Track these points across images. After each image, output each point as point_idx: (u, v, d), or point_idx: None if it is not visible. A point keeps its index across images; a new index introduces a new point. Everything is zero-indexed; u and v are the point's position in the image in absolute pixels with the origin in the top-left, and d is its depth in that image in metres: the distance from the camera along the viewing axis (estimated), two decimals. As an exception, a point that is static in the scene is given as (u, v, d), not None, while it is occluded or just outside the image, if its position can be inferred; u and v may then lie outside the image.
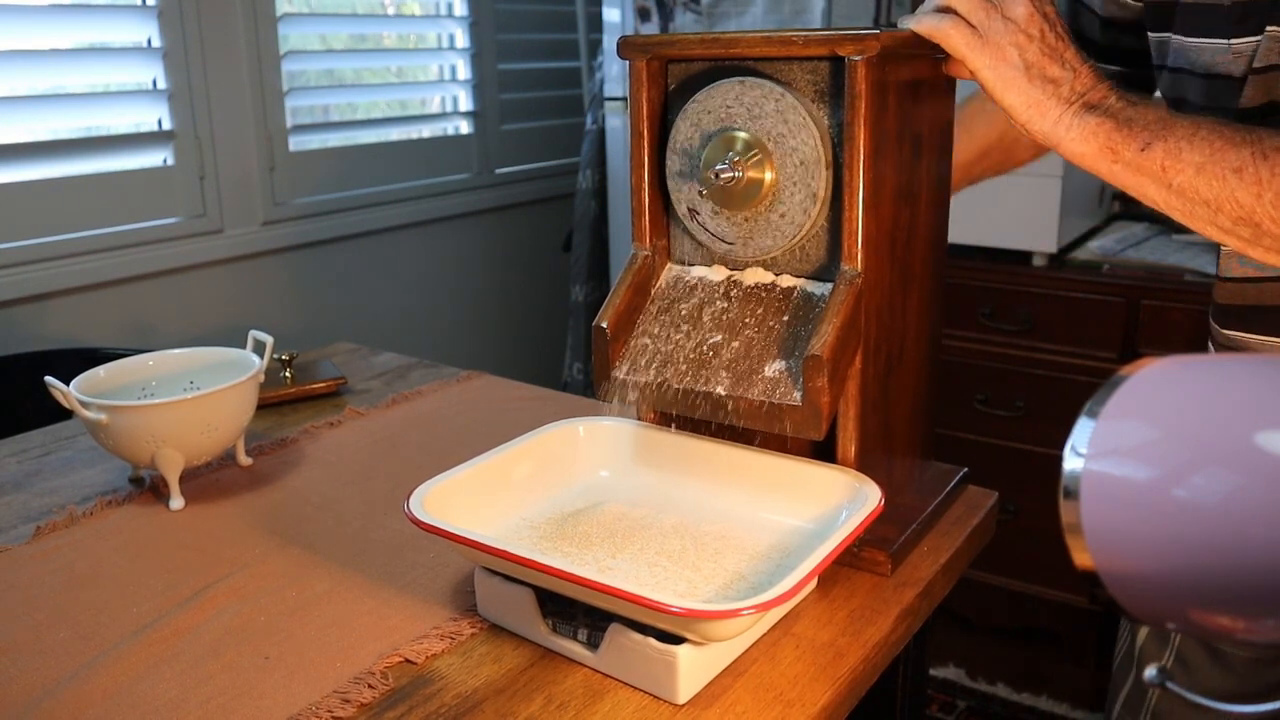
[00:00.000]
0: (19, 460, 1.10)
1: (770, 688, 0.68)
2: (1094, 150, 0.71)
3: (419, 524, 0.72)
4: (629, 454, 0.89)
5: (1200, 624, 0.46)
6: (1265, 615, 0.43)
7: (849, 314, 0.75)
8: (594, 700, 0.67)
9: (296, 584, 0.82)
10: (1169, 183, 0.69)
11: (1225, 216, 0.68)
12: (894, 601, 0.78)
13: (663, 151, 0.84)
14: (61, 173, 1.72)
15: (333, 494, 0.99)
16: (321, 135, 2.15)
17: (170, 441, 0.94)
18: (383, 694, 0.68)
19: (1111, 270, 1.87)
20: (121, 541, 0.90)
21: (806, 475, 0.80)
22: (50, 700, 0.68)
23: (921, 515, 0.87)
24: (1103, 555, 0.46)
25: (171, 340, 1.85)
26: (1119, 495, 0.45)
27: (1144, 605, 0.47)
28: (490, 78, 2.47)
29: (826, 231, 0.79)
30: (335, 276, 2.19)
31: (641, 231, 0.86)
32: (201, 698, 0.68)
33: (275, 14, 1.98)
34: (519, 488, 0.84)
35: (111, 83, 1.81)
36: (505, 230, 2.60)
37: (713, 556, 0.76)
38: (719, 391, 0.78)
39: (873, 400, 0.81)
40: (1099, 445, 0.46)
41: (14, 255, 1.65)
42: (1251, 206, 0.67)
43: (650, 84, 0.83)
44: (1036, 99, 0.72)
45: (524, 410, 1.19)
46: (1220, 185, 0.67)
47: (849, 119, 0.74)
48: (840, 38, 0.73)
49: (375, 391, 1.28)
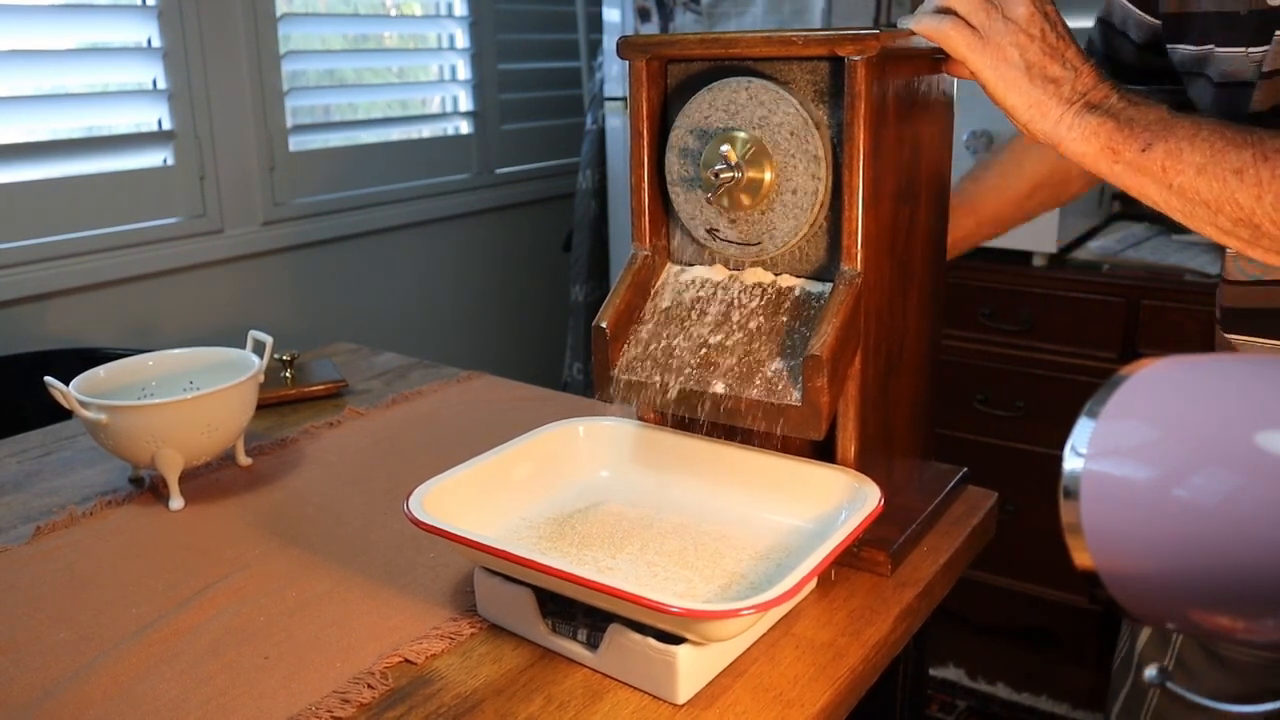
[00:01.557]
0: (19, 460, 1.10)
1: (770, 688, 0.68)
2: (1095, 150, 0.71)
3: (419, 524, 0.72)
4: (629, 454, 0.89)
5: (1200, 624, 0.46)
6: (1265, 615, 0.43)
7: (849, 314, 0.75)
8: (594, 700, 0.67)
9: (296, 584, 0.82)
10: (1169, 183, 0.69)
11: (1225, 217, 0.68)
12: (894, 601, 0.78)
13: (663, 151, 0.84)
14: (61, 173, 1.72)
15: (333, 494, 0.99)
16: (322, 135, 2.15)
17: (170, 442, 0.94)
18: (382, 694, 0.68)
19: (1111, 270, 1.87)
20: (121, 542, 0.90)
21: (806, 475, 0.80)
22: (51, 700, 0.68)
23: (921, 515, 0.87)
24: (1103, 555, 0.46)
25: (171, 340, 1.85)
26: (1119, 495, 0.45)
27: (1144, 605, 0.47)
28: (490, 78, 2.47)
29: (826, 231, 0.79)
30: (335, 276, 2.19)
31: (641, 231, 0.86)
32: (202, 698, 0.68)
33: (275, 14, 1.98)
34: (519, 488, 0.84)
35: (112, 83, 1.81)
36: (505, 230, 2.60)
37: (712, 556, 0.76)
38: (719, 391, 0.78)
39: (872, 400, 0.81)
40: (1099, 445, 0.46)
41: (14, 255, 1.66)
42: (1251, 208, 0.67)
43: (650, 84, 0.83)
44: (1038, 99, 0.72)
45: (524, 410, 1.19)
46: (1221, 186, 0.67)
47: (849, 119, 0.74)
48: (840, 38, 0.73)
49: (375, 391, 1.28)
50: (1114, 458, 0.46)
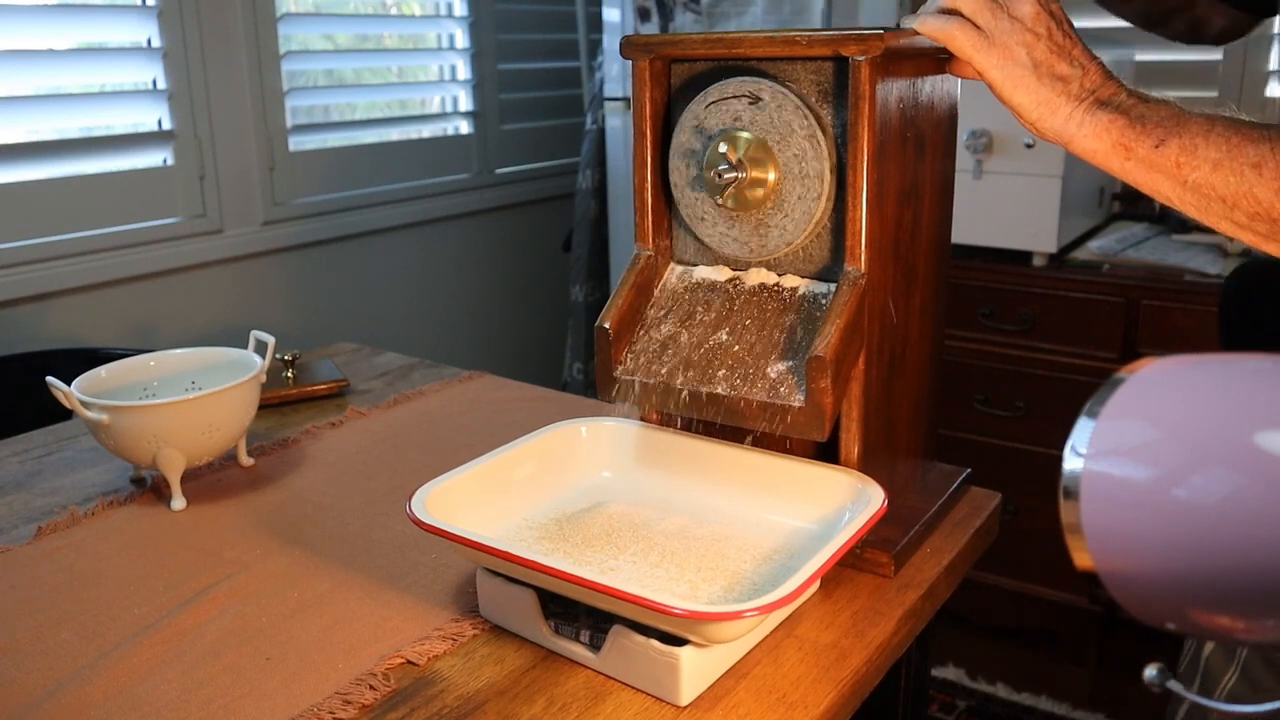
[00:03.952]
0: (20, 460, 1.10)
1: (773, 689, 0.68)
2: (1106, 147, 0.71)
3: (421, 525, 0.72)
4: (631, 455, 0.89)
5: (1200, 624, 0.46)
6: (1265, 615, 0.43)
7: (852, 315, 0.75)
8: (596, 702, 0.67)
9: (298, 585, 0.82)
10: (1184, 179, 0.69)
11: (1241, 212, 0.68)
12: (897, 603, 0.78)
13: (665, 151, 0.84)
14: (62, 173, 1.72)
15: (334, 494, 0.99)
16: (321, 135, 2.15)
17: (172, 442, 0.94)
18: (384, 695, 0.68)
19: (1111, 270, 1.87)
20: (123, 542, 0.90)
21: (809, 476, 0.80)
22: (51, 701, 0.68)
23: (924, 516, 0.87)
24: (1103, 555, 0.46)
25: (172, 340, 1.85)
26: (1119, 495, 0.45)
27: (1144, 605, 0.47)
28: (490, 78, 2.47)
29: (830, 232, 0.79)
30: (336, 276, 2.19)
31: (644, 231, 0.86)
32: (203, 699, 0.68)
33: (275, 14, 1.98)
34: (521, 488, 0.84)
35: (112, 83, 1.81)
36: (505, 230, 2.60)
37: (715, 558, 0.76)
38: (721, 392, 0.78)
39: (876, 401, 0.81)
40: (1099, 445, 0.46)
41: (14, 255, 1.65)
42: (1270, 202, 0.67)
43: (653, 84, 0.83)
44: (1046, 97, 0.72)
45: (525, 410, 1.19)
46: (1238, 181, 0.67)
47: (852, 119, 0.74)
48: (844, 38, 0.73)
49: (377, 392, 1.28)
50: (1114, 458, 0.46)
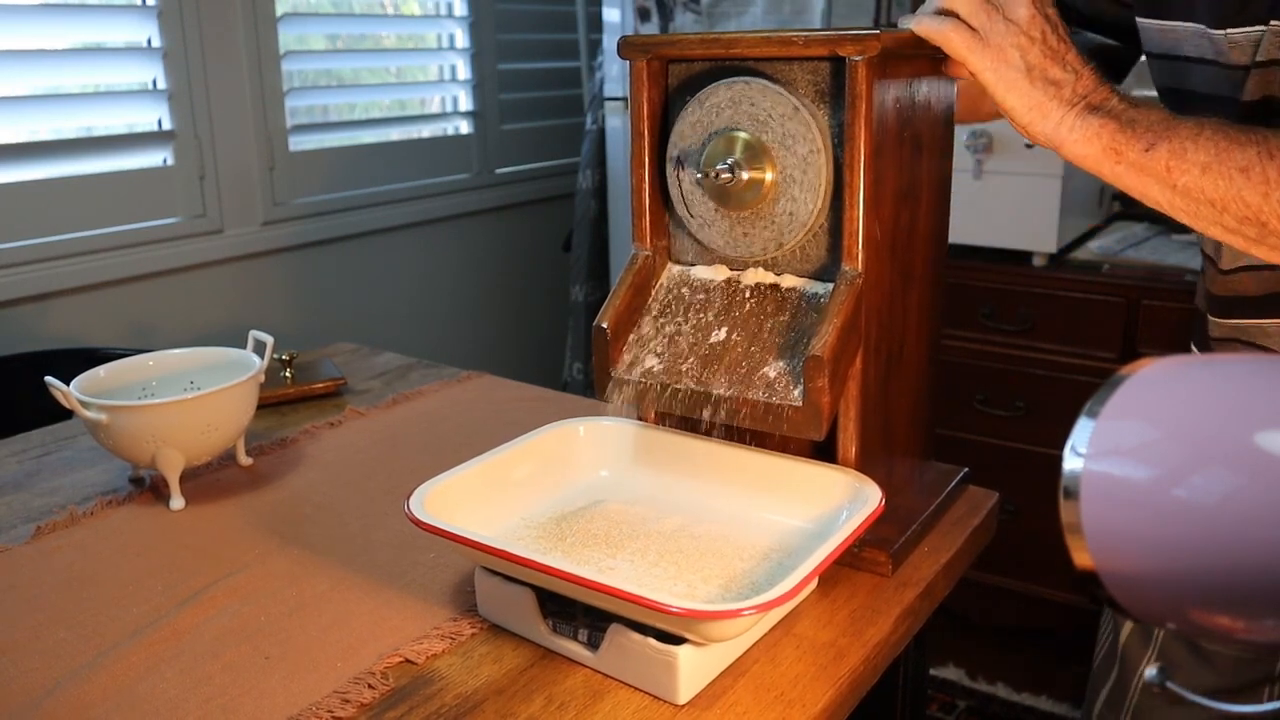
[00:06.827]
0: (19, 460, 1.10)
1: (771, 688, 0.68)
2: (1097, 152, 0.71)
3: (419, 524, 0.72)
4: (629, 454, 0.89)
5: (1200, 624, 0.46)
6: (1265, 615, 0.43)
7: (850, 314, 0.75)
8: (594, 700, 0.67)
9: (297, 584, 0.82)
10: (1174, 183, 0.69)
11: (1231, 216, 0.68)
12: (895, 602, 0.78)
13: (663, 152, 0.84)
14: (61, 173, 1.72)
15: (333, 494, 0.99)
16: (321, 135, 2.15)
17: (171, 441, 0.94)
18: (383, 694, 0.68)
19: (1111, 270, 1.87)
20: (122, 541, 0.90)
21: (807, 475, 0.80)
22: (51, 700, 0.68)
23: (922, 515, 0.87)
24: (1103, 555, 0.46)
25: (171, 340, 1.85)
26: (1119, 495, 0.45)
27: (1144, 605, 0.47)
28: (490, 78, 2.47)
29: (827, 231, 0.79)
30: (335, 276, 2.19)
31: (642, 232, 0.86)
32: (202, 698, 0.68)
33: (275, 14, 1.98)
34: (519, 488, 0.84)
35: (111, 83, 1.81)
36: (505, 230, 2.60)
37: (713, 556, 0.76)
38: (719, 391, 0.78)
39: (873, 400, 0.81)
40: (1099, 445, 0.46)
41: (14, 255, 1.65)
42: (1259, 206, 0.67)
43: (651, 84, 0.83)
44: (1038, 101, 0.72)
45: (524, 410, 1.19)
46: (1227, 185, 0.67)
47: (849, 119, 0.74)
48: (841, 38, 0.73)
49: (376, 391, 1.28)
50: (1114, 458, 0.46)
